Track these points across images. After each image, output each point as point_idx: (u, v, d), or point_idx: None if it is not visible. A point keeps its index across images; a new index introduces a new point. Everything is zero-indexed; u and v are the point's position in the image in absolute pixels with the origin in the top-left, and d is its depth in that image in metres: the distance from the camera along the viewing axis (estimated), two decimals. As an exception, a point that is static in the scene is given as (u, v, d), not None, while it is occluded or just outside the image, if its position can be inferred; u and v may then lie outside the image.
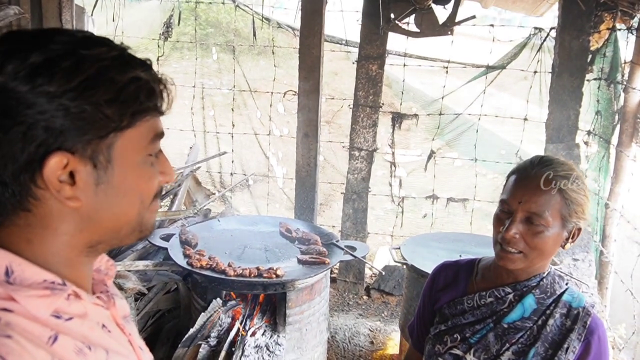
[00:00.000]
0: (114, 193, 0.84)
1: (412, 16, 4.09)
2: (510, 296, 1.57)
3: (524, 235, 1.47)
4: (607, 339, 1.55)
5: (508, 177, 1.58)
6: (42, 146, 0.77)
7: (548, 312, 1.54)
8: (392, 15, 4.13)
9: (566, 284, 1.60)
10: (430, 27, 4.06)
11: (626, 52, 4.03)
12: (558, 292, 1.57)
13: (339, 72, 9.13)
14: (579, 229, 1.53)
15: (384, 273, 4.66)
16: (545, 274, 1.58)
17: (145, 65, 0.86)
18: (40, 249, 0.83)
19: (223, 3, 5.62)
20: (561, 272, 3.57)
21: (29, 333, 0.76)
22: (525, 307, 1.55)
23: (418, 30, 4.13)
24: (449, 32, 4.09)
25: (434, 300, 1.73)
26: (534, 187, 1.47)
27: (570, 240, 1.53)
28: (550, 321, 1.53)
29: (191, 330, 2.94)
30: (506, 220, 1.49)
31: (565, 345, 1.49)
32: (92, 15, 4.72)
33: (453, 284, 1.71)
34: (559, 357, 1.48)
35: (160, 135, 0.89)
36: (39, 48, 0.77)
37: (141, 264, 3.13)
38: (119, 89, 0.80)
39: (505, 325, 1.55)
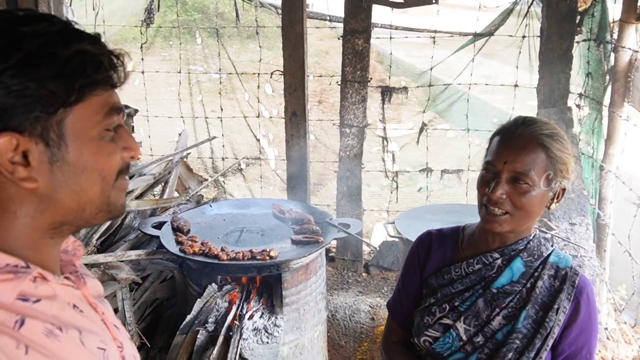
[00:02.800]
0: (70, 170, 0.82)
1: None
2: (499, 261, 1.55)
3: (510, 195, 1.46)
4: (595, 297, 1.54)
5: (491, 138, 1.56)
6: None
7: (536, 274, 1.53)
8: (375, -13, 4.05)
9: (552, 245, 1.59)
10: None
11: (614, 11, 3.97)
12: (545, 254, 1.56)
13: (329, 50, 9.04)
14: (563, 189, 1.52)
15: (378, 248, 4.64)
16: (532, 236, 1.56)
17: (93, 38, 0.83)
18: (1, 233, 0.82)
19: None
20: (559, 237, 3.55)
21: None
22: (514, 271, 1.54)
23: (402, 1, 4.06)
24: (434, 1, 4.03)
25: (422, 267, 1.70)
26: (519, 147, 1.46)
27: (555, 200, 1.51)
28: (539, 283, 1.51)
29: (188, 317, 2.92)
30: (492, 182, 1.47)
31: (556, 306, 1.48)
32: (70, 5, 4.63)
33: (440, 251, 1.68)
34: (550, 318, 1.47)
35: (116, 109, 0.87)
36: None
37: (133, 254, 3.10)
38: (62, 63, 0.78)
39: (495, 290, 1.54)
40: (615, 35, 3.94)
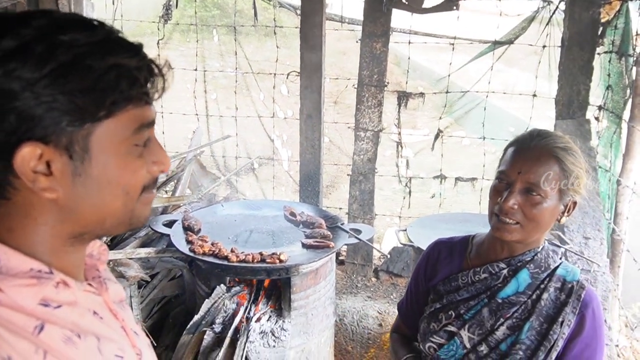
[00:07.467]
0: (93, 184, 0.80)
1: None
2: (505, 271, 1.57)
3: (522, 206, 1.48)
4: (602, 312, 1.55)
5: (506, 149, 1.59)
6: (13, 135, 0.74)
7: (542, 286, 1.55)
8: (396, -9, 4.02)
9: (560, 258, 1.60)
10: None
11: (638, 23, 3.91)
12: (552, 267, 1.57)
13: (346, 51, 9.03)
14: (575, 203, 1.54)
15: (389, 255, 4.61)
16: (540, 248, 1.58)
17: (133, 50, 0.80)
18: (23, 238, 0.81)
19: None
20: (572, 251, 3.50)
21: (12, 324, 0.75)
22: (520, 282, 1.56)
23: (423, 7, 4.03)
24: (455, 7, 3.99)
25: (429, 278, 1.74)
26: (533, 158, 1.49)
27: (566, 213, 1.54)
28: (545, 295, 1.53)
29: (195, 317, 2.92)
30: (504, 192, 1.49)
31: (560, 319, 1.49)
32: (90, -1, 4.65)
33: (447, 260, 1.71)
34: (554, 331, 1.49)
35: (148, 124, 0.84)
36: (12, 32, 0.73)
37: (143, 252, 3.10)
38: (96, 78, 0.75)
39: (500, 300, 1.56)
40: (638, 49, 3.88)
